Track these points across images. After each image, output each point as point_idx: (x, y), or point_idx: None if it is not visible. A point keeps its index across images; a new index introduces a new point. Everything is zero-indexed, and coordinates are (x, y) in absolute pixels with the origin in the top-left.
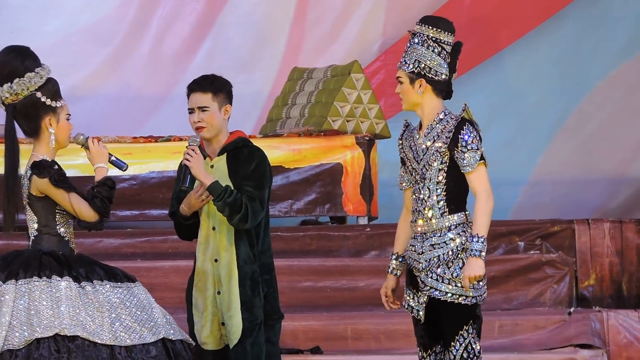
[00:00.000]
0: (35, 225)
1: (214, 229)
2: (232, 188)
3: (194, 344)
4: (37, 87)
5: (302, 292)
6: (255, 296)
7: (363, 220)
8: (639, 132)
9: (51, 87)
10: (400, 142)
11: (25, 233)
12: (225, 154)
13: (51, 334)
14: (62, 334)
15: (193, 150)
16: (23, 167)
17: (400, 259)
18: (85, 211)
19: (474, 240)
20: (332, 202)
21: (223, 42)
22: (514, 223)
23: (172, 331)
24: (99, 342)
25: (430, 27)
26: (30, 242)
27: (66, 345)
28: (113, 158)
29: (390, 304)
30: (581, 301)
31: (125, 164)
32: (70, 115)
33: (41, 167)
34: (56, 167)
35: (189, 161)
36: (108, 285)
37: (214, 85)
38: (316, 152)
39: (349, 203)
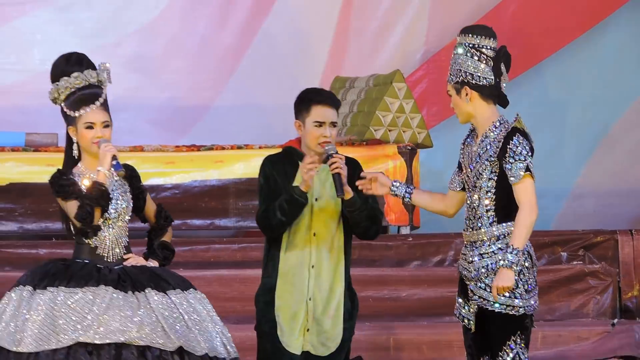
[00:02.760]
0: (73, 235)
1: (314, 235)
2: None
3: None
4: (64, 97)
5: None
6: (354, 307)
7: (405, 230)
8: None
9: (75, 98)
10: (462, 146)
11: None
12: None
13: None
14: None
15: (340, 158)
16: None
17: (410, 189)
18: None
19: (509, 251)
20: None
21: (266, 51)
22: (557, 233)
23: (87, 336)
24: (8, 348)
25: (468, 35)
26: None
27: None
28: (114, 162)
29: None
30: (625, 312)
31: (120, 167)
32: (91, 123)
33: (50, 177)
34: (62, 176)
35: (342, 168)
36: (58, 289)
37: (337, 102)
38: (358, 161)
39: (391, 213)
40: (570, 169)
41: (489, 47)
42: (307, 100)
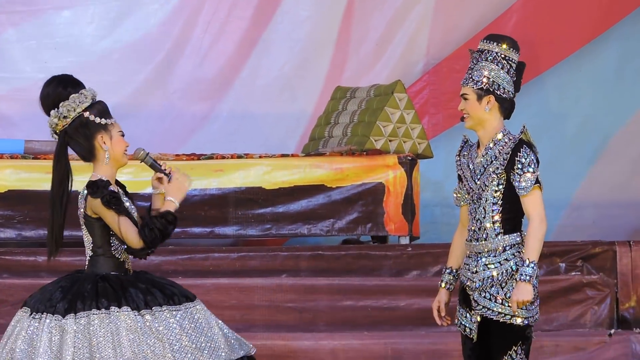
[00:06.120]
0: (91, 246)
1: None
2: None
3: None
4: (84, 108)
5: (342, 311)
6: None
7: (404, 240)
8: None
9: (99, 107)
10: (458, 158)
11: (73, 249)
12: None
13: None
14: None
15: None
16: (80, 186)
17: (454, 274)
18: (132, 237)
19: (525, 264)
20: (373, 221)
21: (267, 61)
22: (556, 244)
23: (230, 350)
24: None
25: (498, 44)
26: (87, 264)
27: None
28: (172, 175)
29: (441, 319)
30: (622, 323)
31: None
32: (123, 132)
33: (95, 187)
34: (110, 188)
35: None
36: (166, 311)
37: None
38: (358, 171)
39: (390, 223)
40: (569, 180)
41: (514, 61)
42: None
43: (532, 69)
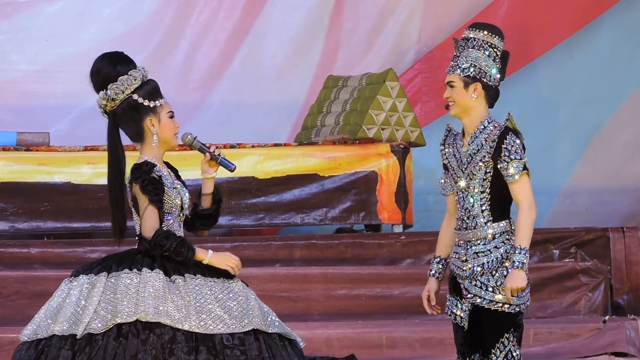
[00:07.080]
0: (139, 229)
1: None
2: None
3: (297, 340)
4: (132, 90)
5: (337, 300)
6: None
7: (398, 229)
8: None
9: (148, 88)
10: (443, 148)
11: (67, 241)
12: None
13: (132, 320)
14: (143, 319)
15: None
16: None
17: (443, 263)
18: (147, 225)
19: (517, 251)
20: (367, 210)
21: (258, 50)
22: (549, 231)
23: (267, 324)
24: (181, 328)
25: (483, 32)
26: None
27: (146, 331)
28: (221, 157)
29: (431, 308)
30: (616, 309)
31: (233, 164)
32: (172, 113)
33: (139, 171)
34: (156, 170)
35: None
36: (200, 279)
37: None
38: (351, 160)
39: (383, 211)
40: (562, 166)
41: (499, 48)
42: None
43: (523, 56)
